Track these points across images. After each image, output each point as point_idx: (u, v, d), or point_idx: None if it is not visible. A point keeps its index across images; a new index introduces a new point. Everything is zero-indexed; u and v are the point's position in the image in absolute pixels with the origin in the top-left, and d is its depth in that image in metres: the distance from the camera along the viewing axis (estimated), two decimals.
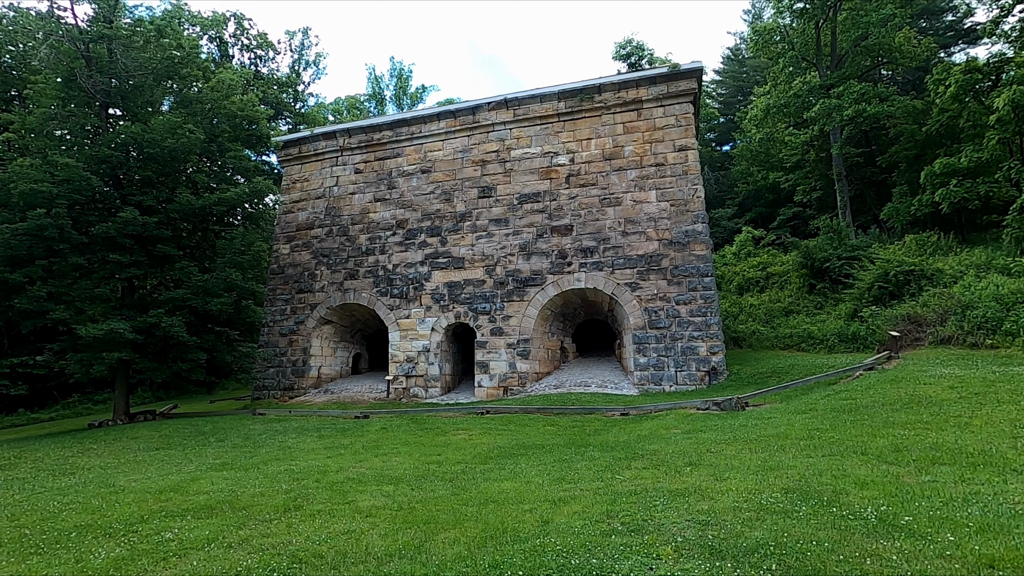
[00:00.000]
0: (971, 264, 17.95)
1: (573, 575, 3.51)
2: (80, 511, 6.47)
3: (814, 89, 25.65)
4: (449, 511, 5.72)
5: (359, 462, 9.16)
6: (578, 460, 8.06)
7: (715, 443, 7.98)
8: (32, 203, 15.55)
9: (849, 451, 6.51)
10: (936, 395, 9.19)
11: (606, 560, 3.69)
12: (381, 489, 7.04)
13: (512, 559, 3.93)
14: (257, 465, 9.29)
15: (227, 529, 5.47)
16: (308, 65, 39.34)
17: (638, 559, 3.64)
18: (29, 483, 8.63)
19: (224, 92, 18.45)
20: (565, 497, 5.80)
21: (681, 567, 3.45)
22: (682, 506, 4.79)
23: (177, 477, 8.41)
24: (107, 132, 17.22)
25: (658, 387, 17.36)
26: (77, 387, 27.34)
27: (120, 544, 5.16)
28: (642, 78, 19.49)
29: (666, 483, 5.86)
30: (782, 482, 5.29)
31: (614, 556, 3.76)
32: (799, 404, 10.87)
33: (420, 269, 20.74)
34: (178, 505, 6.58)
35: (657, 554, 3.70)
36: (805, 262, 23.47)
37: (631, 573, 3.44)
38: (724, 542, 3.77)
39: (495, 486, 6.79)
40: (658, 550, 3.77)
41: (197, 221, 19.23)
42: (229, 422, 15.47)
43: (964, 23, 33.92)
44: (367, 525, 5.43)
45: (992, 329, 14.18)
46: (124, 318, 16.18)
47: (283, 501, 6.52)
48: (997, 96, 18.81)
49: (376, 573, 4.05)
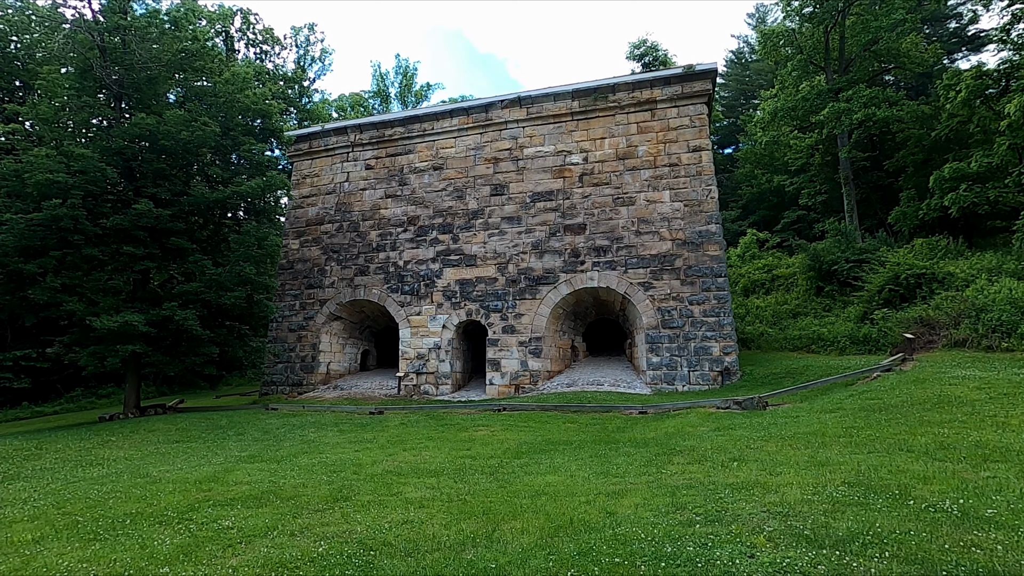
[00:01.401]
0: (982, 268, 18.07)
1: (670, 563, 3.52)
2: (125, 500, 6.43)
3: (823, 93, 25.80)
4: (502, 503, 5.71)
5: (389, 456, 9.13)
6: (614, 456, 8.07)
7: (751, 440, 8.00)
8: (47, 194, 15.43)
9: (893, 448, 6.54)
10: (965, 396, 9.25)
11: (699, 548, 3.70)
12: (423, 482, 7.02)
13: (596, 547, 3.93)
14: (286, 458, 9.25)
15: (283, 518, 5.44)
16: (313, 61, 39.25)
17: (732, 548, 3.65)
18: (59, 473, 8.56)
19: (239, 85, 18.38)
20: (617, 491, 5.81)
21: (783, 555, 3.46)
22: (750, 498, 4.81)
23: (210, 468, 8.36)
24: (121, 124, 17.10)
25: (671, 387, 17.41)
26: (80, 381, 27.14)
27: (178, 532, 5.13)
28: (656, 78, 19.55)
29: (718, 477, 5.87)
30: (839, 477, 5.31)
31: (705, 544, 3.77)
32: (823, 404, 10.92)
33: (432, 266, 20.71)
34: (222, 495, 6.55)
35: (751, 543, 3.71)
36: (813, 265, 23.59)
37: (732, 560, 3.44)
38: (816, 532, 3.79)
39: (538, 480, 6.79)
40: (750, 539, 3.78)
41: (209, 215, 19.13)
42: (244, 416, 15.40)
43: (968, 30, 34.29)
44: (423, 515, 5.41)
45: (1007, 332, 14.28)
46: (136, 311, 16.08)
47: (328, 492, 6.50)
48: (1008, 102, 18.97)
49: (457, 560, 4.04)
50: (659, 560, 3.56)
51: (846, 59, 26.83)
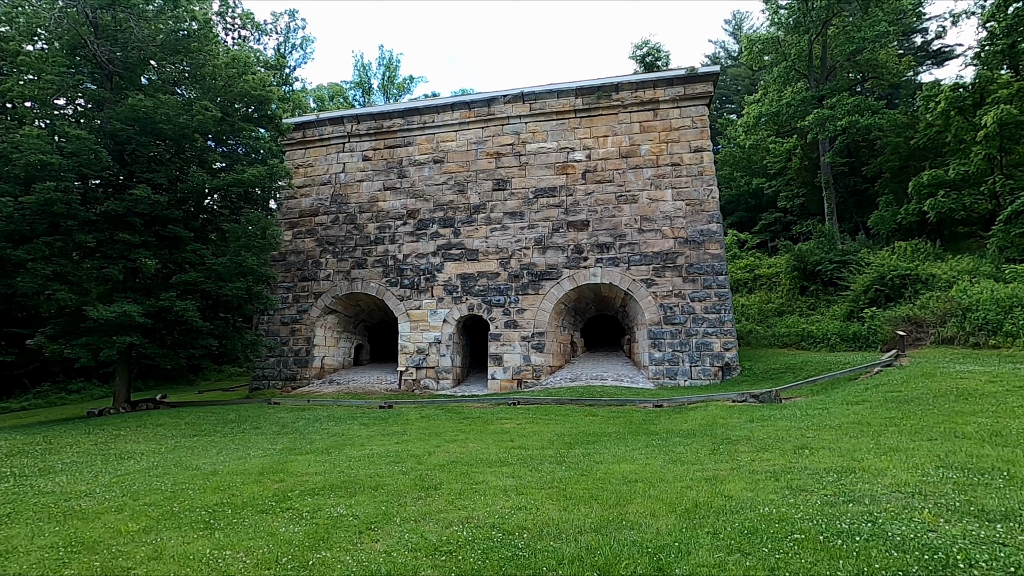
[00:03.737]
0: (961, 271, 19.10)
1: (852, 539, 3.64)
2: (200, 491, 6.21)
3: (807, 99, 26.75)
4: (599, 490, 5.78)
5: (435, 447, 9.05)
6: (671, 446, 8.23)
7: (798, 430, 8.29)
8: (36, 176, 14.62)
9: (948, 435, 6.90)
10: (981, 389, 9.80)
11: (871, 526, 3.83)
12: (497, 471, 7.02)
13: (756, 527, 4.03)
14: (329, 450, 9.08)
15: (388, 506, 5.37)
16: (294, 48, 38.28)
17: (905, 524, 3.81)
18: (95, 466, 8.17)
19: (239, 69, 17.80)
20: (710, 477, 5.95)
21: (961, 528, 3.65)
22: (864, 481, 5.02)
23: (259, 461, 8.14)
24: (116, 105, 16.33)
25: (673, 381, 17.78)
26: (48, 375, 25.84)
27: (292, 520, 5.01)
28: (659, 79, 19.89)
29: (803, 463, 6.08)
30: (926, 461, 5.58)
31: (874, 521, 3.92)
32: (842, 396, 11.37)
33: (432, 260, 20.55)
34: (300, 485, 6.39)
35: (919, 520, 3.89)
36: (798, 265, 24.48)
37: (910, 536, 3.59)
38: (969, 508, 4.00)
39: (614, 468, 6.88)
40: (912, 516, 3.96)
41: (202, 203, 18.47)
42: (250, 411, 14.98)
43: (933, 45, 36.16)
44: (529, 502, 5.43)
45: (993, 330, 15.19)
46: (131, 301, 15.40)
47: (411, 482, 6.43)
48: (985, 114, 20.12)
49: (617, 540, 4.07)
50: (849, 536, 3.67)
51: (828, 67, 27.88)
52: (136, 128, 16.05)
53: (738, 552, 3.58)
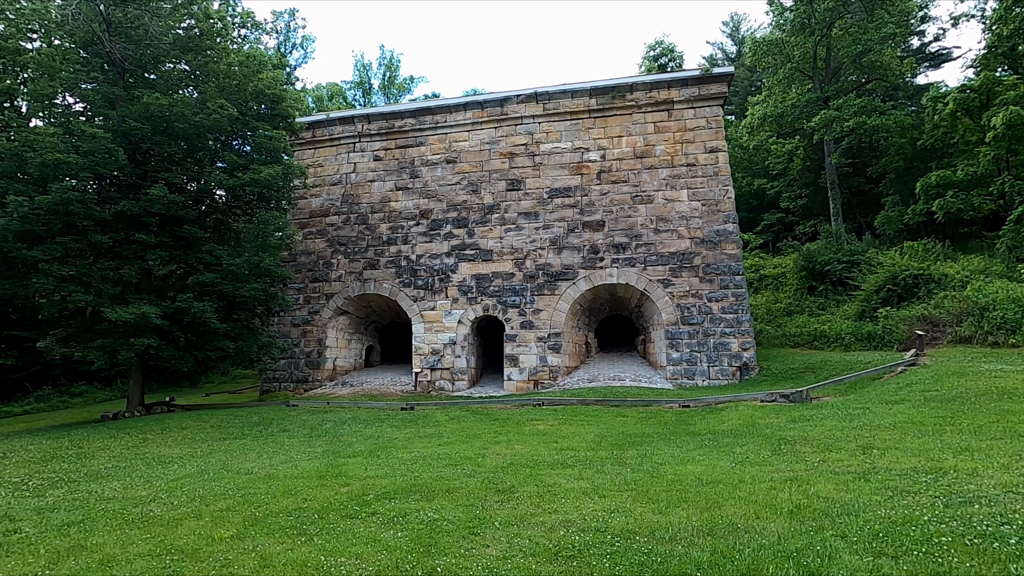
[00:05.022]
0: (973, 270, 19.29)
1: (1005, 542, 3.59)
2: (272, 496, 6.06)
3: (812, 101, 26.93)
4: (680, 492, 5.71)
5: (482, 449, 8.95)
6: (725, 447, 8.18)
7: (852, 429, 8.28)
8: (51, 175, 14.32)
9: (1012, 435, 6.91)
10: (1019, 387, 9.87)
11: (1008, 527, 3.80)
12: (561, 473, 6.94)
13: (885, 530, 3.97)
14: (375, 452, 8.95)
15: (474, 510, 5.27)
16: (294, 47, 37.93)
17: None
18: (139, 471, 7.97)
19: (254, 68, 17.57)
20: (788, 479, 5.90)
21: None
22: (965, 482, 4.99)
23: (309, 465, 7.99)
24: (128, 104, 16.05)
25: (691, 381, 17.80)
26: (50, 379, 25.35)
27: (386, 525, 4.89)
28: (674, 79, 19.91)
29: (880, 463, 6.06)
30: (1015, 462, 5.57)
31: (1008, 523, 3.89)
32: (874, 396, 11.39)
33: (446, 260, 20.41)
34: (370, 489, 6.27)
35: None
36: (806, 265, 24.62)
37: None
38: None
39: (681, 469, 6.83)
40: None
41: (214, 203, 18.21)
42: (271, 413, 14.76)
43: (931, 47, 36.62)
44: (616, 504, 5.36)
45: (1012, 329, 15.34)
46: (147, 303, 15.13)
47: (482, 485, 6.33)
48: (993, 115, 20.35)
49: (741, 545, 4.01)
50: (999, 540, 3.59)
51: (832, 69, 28.09)
52: (150, 127, 15.79)
53: (884, 555, 3.53)
